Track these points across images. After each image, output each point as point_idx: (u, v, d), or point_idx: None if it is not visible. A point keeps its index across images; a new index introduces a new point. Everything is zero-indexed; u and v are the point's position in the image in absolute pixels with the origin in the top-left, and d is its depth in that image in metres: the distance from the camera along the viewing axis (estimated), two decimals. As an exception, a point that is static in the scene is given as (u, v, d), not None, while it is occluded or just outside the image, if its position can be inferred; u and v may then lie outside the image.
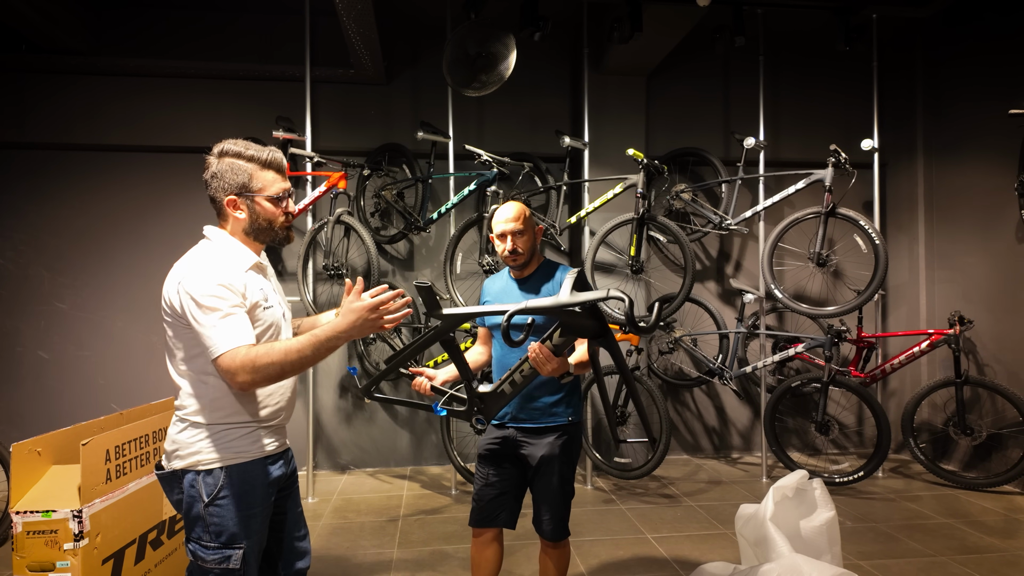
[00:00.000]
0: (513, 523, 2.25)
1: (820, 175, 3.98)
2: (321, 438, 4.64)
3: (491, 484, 2.23)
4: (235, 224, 1.64)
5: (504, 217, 2.20)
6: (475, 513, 2.24)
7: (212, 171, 1.60)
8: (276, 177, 1.64)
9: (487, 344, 2.39)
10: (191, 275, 1.51)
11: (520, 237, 2.19)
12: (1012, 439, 4.00)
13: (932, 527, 3.42)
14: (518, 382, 2.00)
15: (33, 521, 2.15)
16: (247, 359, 1.45)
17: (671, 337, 4.51)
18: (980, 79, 4.39)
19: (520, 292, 2.24)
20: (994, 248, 4.28)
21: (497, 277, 2.37)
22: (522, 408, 2.19)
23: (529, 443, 2.18)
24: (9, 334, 4.41)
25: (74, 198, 4.48)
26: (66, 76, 4.38)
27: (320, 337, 1.51)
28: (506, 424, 2.22)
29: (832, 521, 2.39)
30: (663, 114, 4.88)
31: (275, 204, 1.64)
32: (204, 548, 1.55)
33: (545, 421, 2.18)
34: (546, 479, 2.17)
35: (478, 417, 2.07)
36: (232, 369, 1.45)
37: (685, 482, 4.29)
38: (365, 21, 3.69)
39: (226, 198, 1.60)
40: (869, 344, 4.31)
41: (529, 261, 2.25)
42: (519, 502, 2.27)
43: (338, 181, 3.98)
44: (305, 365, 1.51)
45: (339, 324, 1.54)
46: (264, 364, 1.45)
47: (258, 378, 1.46)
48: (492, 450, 2.24)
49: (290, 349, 1.48)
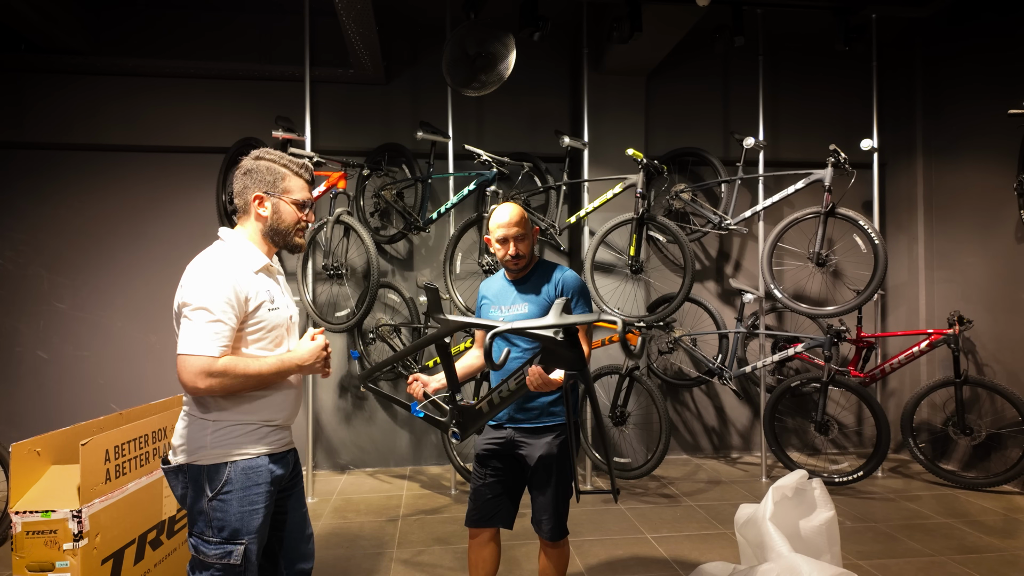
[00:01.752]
0: (511, 523, 2.25)
1: (819, 175, 3.98)
2: (321, 438, 4.64)
3: (488, 484, 2.23)
4: (257, 220, 1.70)
5: (504, 221, 2.18)
6: (472, 513, 2.24)
7: (246, 168, 1.69)
8: (304, 186, 1.74)
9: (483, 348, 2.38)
10: (199, 272, 1.57)
11: (521, 241, 2.18)
12: (1011, 439, 4.01)
13: (931, 527, 3.42)
14: (496, 403, 1.99)
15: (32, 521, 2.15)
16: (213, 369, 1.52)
17: (671, 337, 4.51)
18: (979, 79, 4.40)
19: (518, 293, 2.24)
20: (993, 248, 4.28)
21: (494, 278, 2.36)
22: (519, 408, 2.18)
23: (527, 443, 2.18)
24: (8, 334, 4.41)
25: (73, 198, 4.47)
26: (65, 76, 4.38)
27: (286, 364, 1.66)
28: (504, 424, 2.22)
29: (831, 521, 2.39)
30: (663, 114, 4.88)
31: (298, 209, 1.72)
32: (206, 543, 1.57)
33: (543, 421, 2.17)
34: (544, 479, 2.17)
35: (454, 431, 2.06)
36: (194, 370, 1.50)
37: (685, 482, 4.29)
38: (364, 21, 3.69)
39: (255, 194, 1.68)
40: (868, 344, 4.31)
41: (528, 263, 2.25)
42: (516, 502, 2.27)
43: (338, 181, 3.98)
44: (262, 388, 1.63)
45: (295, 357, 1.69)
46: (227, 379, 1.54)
47: (214, 389, 1.53)
48: (490, 450, 2.23)
49: (251, 371, 1.58)
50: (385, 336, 4.43)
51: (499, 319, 2.22)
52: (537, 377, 1.88)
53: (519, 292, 2.23)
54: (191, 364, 1.50)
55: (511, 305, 2.23)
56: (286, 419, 1.72)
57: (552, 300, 2.14)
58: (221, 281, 1.55)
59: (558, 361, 1.78)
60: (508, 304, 2.24)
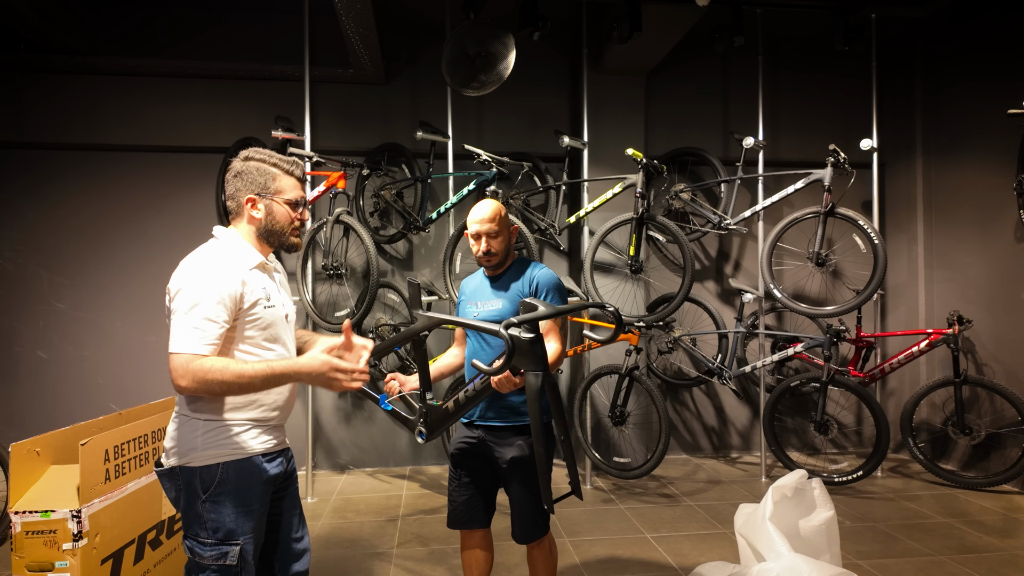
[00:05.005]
0: (487, 523, 2.24)
1: (819, 175, 3.98)
2: (320, 438, 4.64)
3: (464, 485, 2.21)
4: (250, 223, 1.68)
5: (478, 217, 2.16)
6: (450, 516, 2.23)
7: (237, 170, 1.67)
8: (296, 184, 1.72)
9: (462, 346, 2.37)
10: (191, 268, 1.55)
11: (495, 238, 2.16)
12: (1011, 438, 4.01)
13: (931, 526, 3.42)
14: (462, 402, 1.96)
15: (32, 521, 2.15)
16: (199, 368, 1.46)
17: (670, 337, 4.51)
18: (979, 78, 4.40)
19: (492, 290, 2.23)
20: (993, 248, 4.28)
21: (474, 276, 2.36)
22: (490, 407, 2.15)
23: (498, 445, 2.14)
24: (7, 334, 4.40)
25: (72, 197, 4.47)
26: (64, 75, 4.38)
27: (276, 371, 1.53)
28: (475, 423, 2.19)
29: (831, 521, 2.39)
30: (662, 114, 4.88)
31: (292, 208, 1.70)
32: (201, 544, 1.56)
33: (514, 420, 2.13)
34: (516, 482, 2.13)
35: (420, 431, 2.04)
36: (180, 369, 1.46)
37: (684, 482, 4.30)
38: (364, 21, 3.69)
39: (247, 196, 1.66)
40: (868, 344, 4.32)
41: (503, 262, 2.23)
42: (493, 502, 2.26)
43: (337, 181, 3.97)
44: (250, 391, 1.54)
45: (302, 366, 1.55)
46: (212, 380, 1.47)
47: (200, 389, 1.47)
48: (463, 450, 2.21)
49: (243, 374, 1.49)
50: (384, 336, 4.43)
51: (473, 315, 2.22)
52: (503, 377, 1.81)
53: (493, 289, 2.23)
54: (176, 362, 1.47)
55: (486, 301, 2.22)
56: (280, 418, 1.71)
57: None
58: (213, 279, 1.53)
59: (522, 360, 1.72)
60: (484, 300, 2.23)
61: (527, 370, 1.73)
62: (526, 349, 1.70)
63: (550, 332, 2.11)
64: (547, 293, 2.15)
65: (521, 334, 1.68)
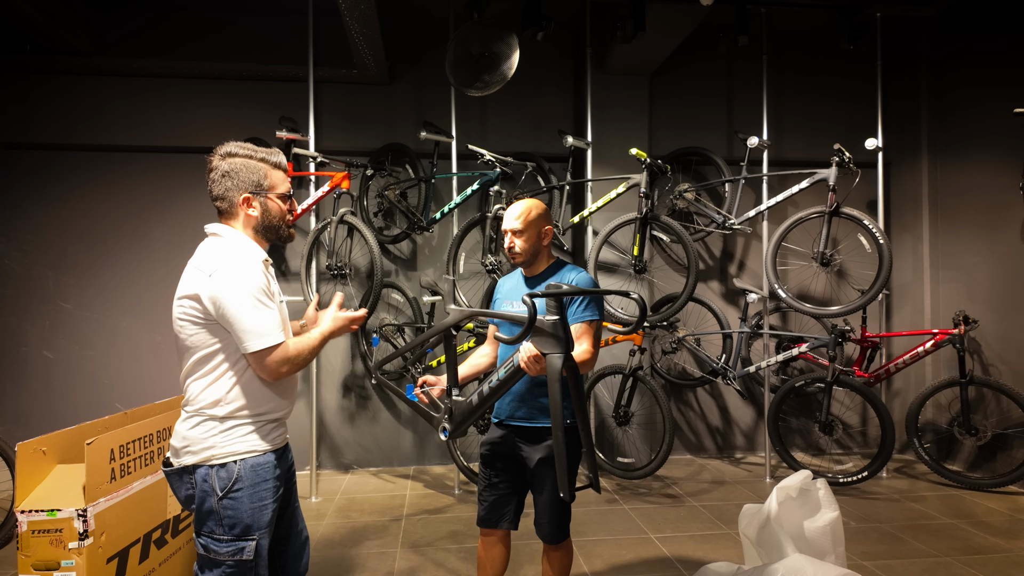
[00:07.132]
0: (516, 524, 2.25)
1: (824, 174, 3.97)
2: (324, 438, 4.65)
3: (493, 485, 2.23)
4: (246, 221, 1.70)
5: (509, 215, 2.23)
6: (480, 514, 2.25)
7: (224, 170, 1.67)
8: (284, 177, 1.75)
9: (493, 345, 2.39)
10: (228, 270, 1.57)
11: (519, 236, 2.20)
12: (1017, 439, 3.99)
13: (936, 527, 3.41)
14: (486, 394, 1.96)
15: (38, 520, 2.16)
16: (290, 353, 1.62)
17: (674, 337, 4.51)
18: (985, 78, 4.38)
19: (526, 290, 2.24)
20: (999, 248, 4.26)
21: (512, 275, 2.39)
22: (520, 407, 2.18)
23: (527, 445, 2.17)
24: (14, 334, 4.43)
25: (78, 198, 4.49)
26: (70, 77, 4.40)
27: (324, 334, 1.77)
28: (504, 422, 2.22)
29: (836, 521, 2.38)
30: (666, 113, 4.87)
31: (284, 202, 1.74)
32: (217, 541, 1.58)
33: (543, 421, 2.16)
34: (544, 482, 2.15)
35: (444, 427, 2.05)
36: (279, 360, 1.60)
37: (688, 482, 4.29)
38: (368, 21, 3.70)
39: (241, 196, 1.67)
40: (873, 344, 4.30)
41: (528, 261, 2.24)
42: (522, 503, 2.28)
43: (341, 181, 3.98)
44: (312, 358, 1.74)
45: (329, 327, 1.80)
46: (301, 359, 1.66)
47: (294, 369, 1.65)
48: (492, 450, 2.24)
49: (312, 343, 1.70)
50: (388, 336, 4.44)
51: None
52: (530, 357, 1.81)
53: (529, 289, 2.25)
54: (275, 356, 1.59)
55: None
56: (287, 413, 1.76)
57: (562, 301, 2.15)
58: (254, 273, 1.60)
59: (544, 342, 1.76)
60: (519, 300, 2.25)
61: (549, 352, 1.76)
62: (548, 330, 1.74)
63: (583, 335, 2.10)
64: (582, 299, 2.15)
65: (545, 317, 1.74)
